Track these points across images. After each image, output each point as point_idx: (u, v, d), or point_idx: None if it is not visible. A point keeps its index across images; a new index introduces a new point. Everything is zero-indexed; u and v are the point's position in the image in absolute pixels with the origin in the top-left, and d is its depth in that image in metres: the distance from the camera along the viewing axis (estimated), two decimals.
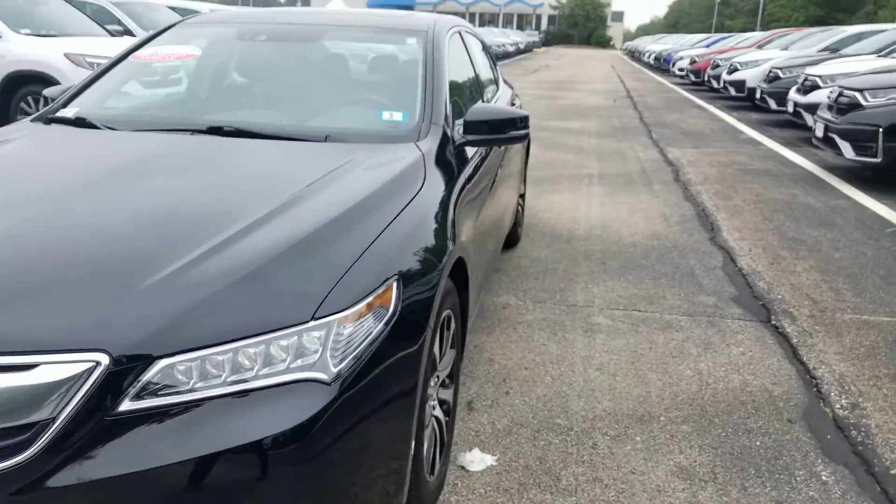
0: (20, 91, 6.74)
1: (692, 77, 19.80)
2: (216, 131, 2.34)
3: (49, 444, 1.32)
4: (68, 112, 2.56)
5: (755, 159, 8.29)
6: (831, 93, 7.50)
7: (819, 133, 7.37)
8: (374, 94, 2.72)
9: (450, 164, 2.36)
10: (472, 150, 2.62)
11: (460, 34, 3.29)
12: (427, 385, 1.82)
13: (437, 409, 2.15)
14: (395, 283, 1.66)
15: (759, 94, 12.16)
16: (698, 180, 7.00)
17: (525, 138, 2.57)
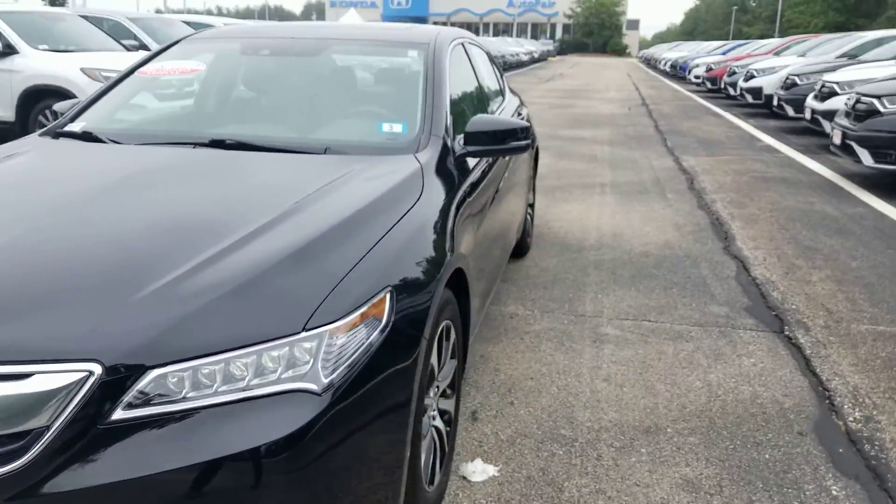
0: (38, 105, 6.88)
1: (708, 84, 19.68)
2: (218, 144, 2.37)
3: (43, 452, 1.33)
4: (76, 126, 2.60)
5: (772, 167, 8.20)
6: (849, 99, 7.42)
7: (837, 140, 7.29)
8: (375, 106, 2.74)
9: (449, 174, 2.36)
10: (473, 160, 2.62)
11: (464, 46, 3.30)
12: (423, 395, 1.81)
13: (437, 420, 2.14)
14: (388, 294, 1.66)
15: (776, 101, 12.05)
16: (713, 188, 6.94)
17: (526, 149, 2.57)
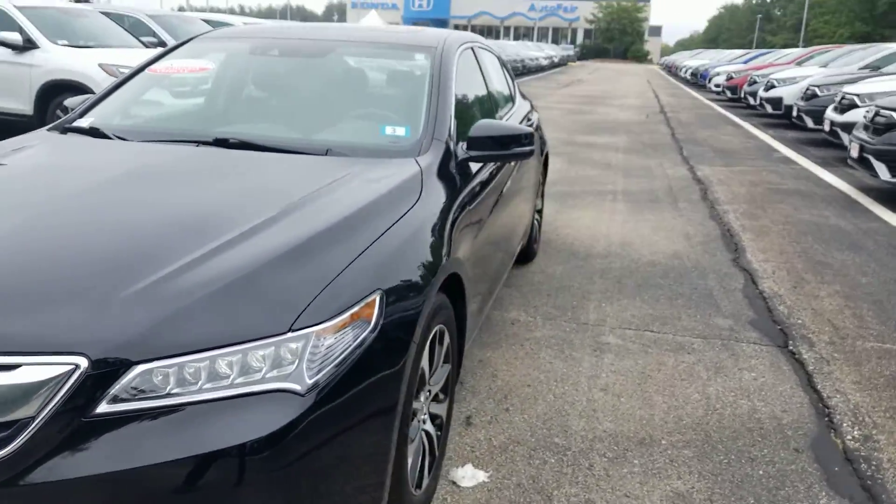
0: (56, 99, 6.97)
1: (728, 93, 19.53)
2: (222, 143, 2.39)
3: (28, 442, 1.36)
4: (84, 122, 2.64)
5: (787, 179, 8.12)
6: (867, 112, 7.33)
7: (854, 153, 7.21)
8: (379, 108, 2.75)
9: (450, 179, 2.37)
10: (476, 165, 2.62)
11: (473, 50, 3.31)
12: (411, 399, 1.82)
13: (428, 424, 2.14)
14: (378, 297, 1.67)
15: (795, 112, 11.94)
16: (726, 199, 6.89)
17: (529, 155, 2.57)
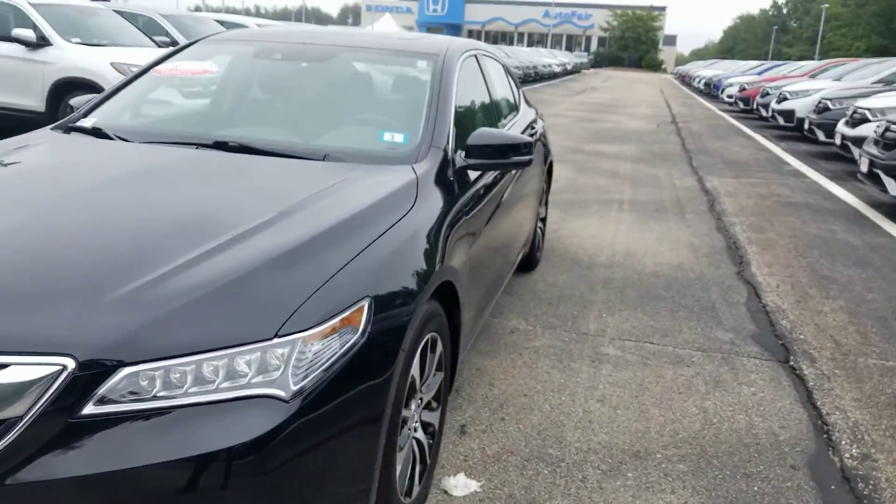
0: (67, 97, 7.02)
1: (741, 104, 19.45)
2: (221, 146, 2.40)
3: (15, 442, 1.36)
4: (87, 122, 2.66)
5: (797, 192, 8.07)
6: (878, 127, 7.28)
7: (864, 168, 7.16)
8: (379, 115, 2.75)
9: (447, 186, 2.36)
10: (475, 173, 2.62)
11: (476, 58, 3.31)
12: (400, 407, 1.81)
13: (420, 432, 2.14)
14: (366, 304, 1.67)
15: (807, 125, 11.87)
16: (734, 211, 6.85)
17: (528, 164, 2.56)
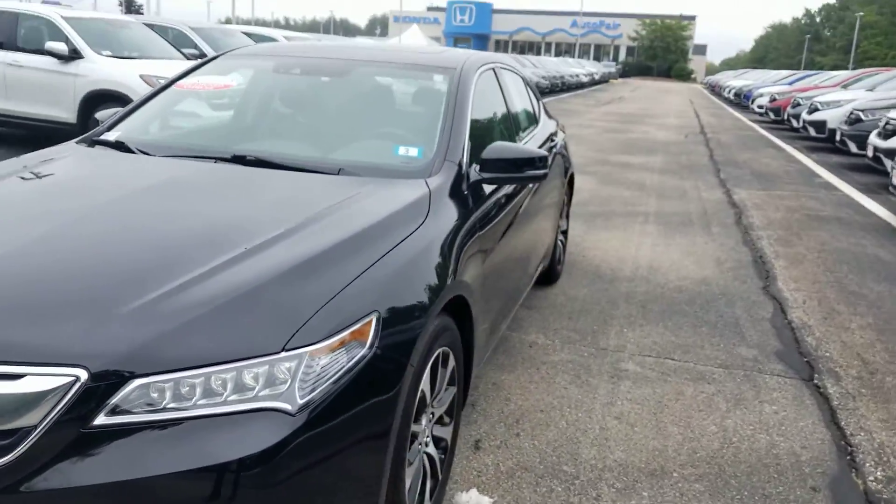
0: (98, 109, 7.19)
1: (771, 115, 19.18)
2: (239, 160, 2.43)
3: (29, 451, 1.39)
4: (111, 135, 2.72)
5: (827, 205, 7.92)
6: None
7: (895, 180, 7.02)
8: (395, 129, 2.77)
9: (461, 200, 2.37)
10: (490, 187, 2.62)
11: (494, 71, 3.31)
12: (409, 421, 1.81)
13: (431, 447, 2.13)
14: (374, 318, 1.68)
15: (838, 136, 11.66)
16: (761, 224, 6.75)
17: (542, 178, 2.56)
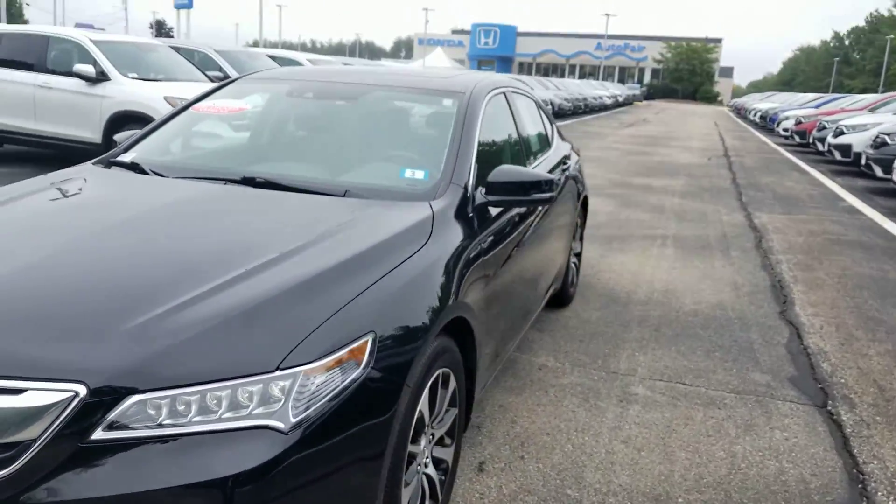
0: (122, 129, 7.39)
1: (797, 138, 19.01)
2: (248, 182, 2.49)
3: (28, 464, 1.44)
4: (127, 157, 2.80)
5: (850, 229, 7.82)
6: None
7: None
8: (403, 152, 2.81)
9: (465, 222, 2.39)
10: (496, 210, 2.64)
11: (505, 95, 3.35)
12: (406, 442, 1.82)
13: (431, 468, 2.14)
14: (370, 338, 1.70)
15: (864, 160, 11.52)
16: (781, 248, 6.68)
17: (549, 201, 2.58)
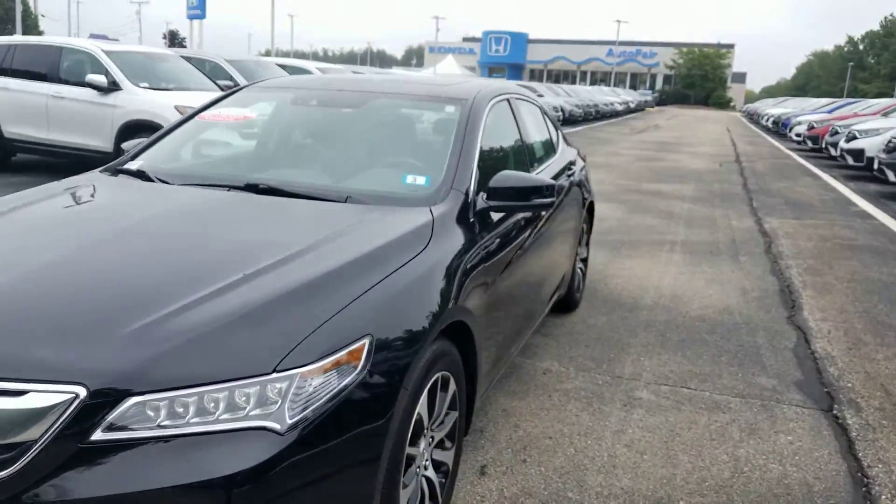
0: (134, 138, 7.50)
1: (809, 143, 18.91)
2: (252, 188, 2.53)
3: (29, 464, 1.47)
4: (133, 165, 2.86)
5: (861, 234, 7.77)
6: None
7: None
8: (406, 158, 2.84)
9: (465, 228, 2.42)
10: (497, 215, 2.67)
11: (509, 102, 3.38)
12: (403, 444, 1.85)
13: (430, 471, 2.16)
14: (367, 341, 1.73)
15: (876, 165, 11.45)
16: (791, 253, 6.64)
17: (549, 206, 2.60)
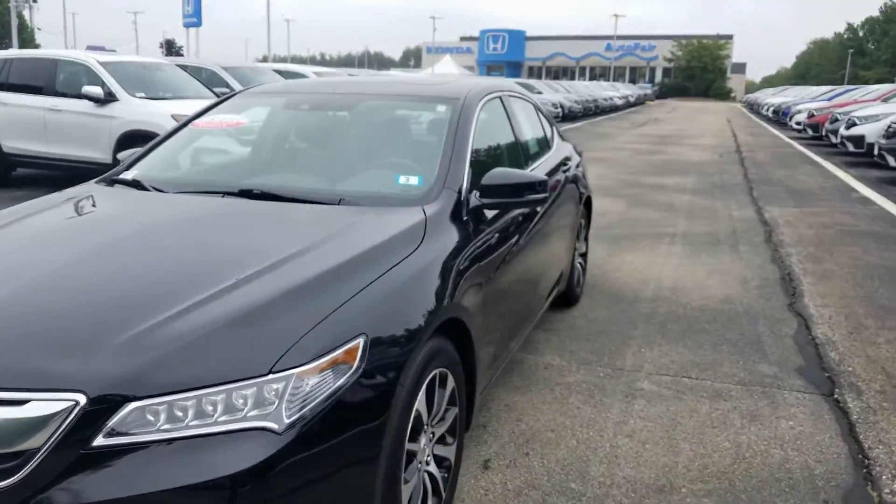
0: (132, 148, 7.53)
1: (810, 131, 18.88)
2: (246, 194, 2.56)
3: (33, 472, 1.50)
4: (129, 175, 2.89)
5: (862, 220, 7.76)
6: None
7: None
8: (399, 158, 2.87)
9: (459, 226, 2.45)
10: (491, 212, 2.69)
11: (501, 100, 3.41)
12: (403, 441, 1.87)
13: (432, 466, 2.19)
14: (361, 341, 1.76)
15: (876, 151, 11.44)
16: (791, 241, 6.65)
17: (542, 202, 2.62)
